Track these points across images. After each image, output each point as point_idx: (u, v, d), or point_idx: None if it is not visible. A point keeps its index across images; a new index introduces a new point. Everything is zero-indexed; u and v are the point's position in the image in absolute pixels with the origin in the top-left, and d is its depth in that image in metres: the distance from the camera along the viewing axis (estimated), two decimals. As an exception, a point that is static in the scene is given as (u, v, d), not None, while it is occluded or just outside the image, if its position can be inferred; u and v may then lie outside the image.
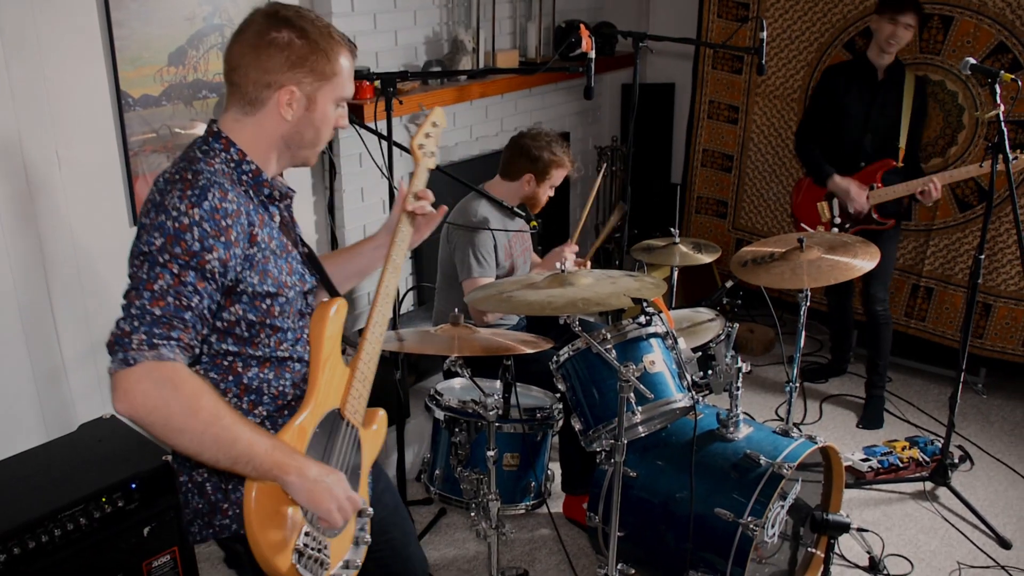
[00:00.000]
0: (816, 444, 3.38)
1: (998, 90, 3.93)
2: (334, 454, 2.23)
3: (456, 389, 3.82)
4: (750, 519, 3.14)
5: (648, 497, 3.42)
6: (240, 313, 2.10)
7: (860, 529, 4.16)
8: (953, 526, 4.28)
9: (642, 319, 3.35)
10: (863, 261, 3.79)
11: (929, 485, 4.55)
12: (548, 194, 4.35)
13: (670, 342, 3.39)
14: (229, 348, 2.13)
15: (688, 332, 3.97)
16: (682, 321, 4.10)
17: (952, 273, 5.50)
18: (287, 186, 2.33)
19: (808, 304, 4.09)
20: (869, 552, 3.98)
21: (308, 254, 2.36)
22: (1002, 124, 3.93)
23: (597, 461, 3.56)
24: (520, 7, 5.91)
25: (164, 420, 1.86)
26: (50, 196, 3.62)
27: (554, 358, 3.43)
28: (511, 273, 4.30)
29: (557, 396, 3.71)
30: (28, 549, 2.88)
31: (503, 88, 5.64)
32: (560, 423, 3.67)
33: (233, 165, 2.13)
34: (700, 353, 3.75)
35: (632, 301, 3.09)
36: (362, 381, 2.32)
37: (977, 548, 4.11)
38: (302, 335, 2.26)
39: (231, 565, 2.41)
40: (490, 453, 3.28)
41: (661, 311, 3.45)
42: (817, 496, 3.65)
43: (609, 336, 3.26)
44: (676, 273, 4.71)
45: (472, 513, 3.41)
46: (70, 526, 2.99)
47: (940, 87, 5.36)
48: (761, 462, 3.25)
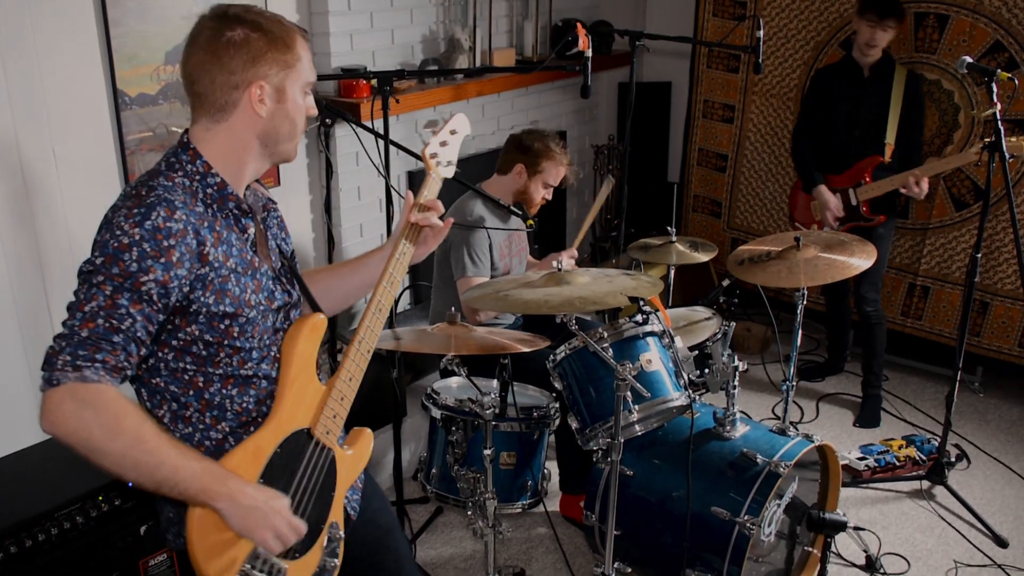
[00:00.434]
0: (813, 443, 3.38)
1: (995, 89, 3.94)
2: (297, 475, 2.16)
3: (453, 388, 3.82)
4: (747, 518, 3.14)
5: (645, 496, 3.43)
6: (196, 333, 2.06)
7: (857, 528, 4.16)
8: (950, 525, 4.28)
9: (639, 318, 3.35)
10: (860, 260, 3.80)
11: (926, 484, 4.56)
12: (543, 194, 4.34)
13: (667, 341, 3.39)
14: (187, 366, 2.09)
15: (685, 331, 3.97)
16: (679, 320, 4.11)
17: (949, 272, 5.51)
18: (267, 197, 2.30)
19: (805, 303, 4.10)
20: (866, 551, 3.99)
21: (288, 268, 2.32)
22: (999, 123, 3.94)
23: (594, 460, 3.56)
24: (516, 6, 5.91)
25: (85, 441, 1.84)
26: (46, 194, 3.61)
27: (551, 357, 3.43)
28: (506, 273, 4.30)
29: (554, 395, 3.70)
30: (25, 548, 2.87)
31: (500, 87, 5.63)
32: (557, 422, 3.67)
33: (198, 179, 2.08)
34: (697, 352, 3.75)
35: (629, 300, 3.09)
36: (339, 400, 2.24)
37: (974, 547, 4.12)
38: (270, 352, 2.21)
39: None
40: (487, 452, 3.28)
41: (658, 310, 3.45)
42: (814, 495, 3.66)
43: (606, 335, 3.26)
44: (673, 272, 4.70)
45: (469, 512, 3.41)
46: (67, 525, 2.98)
47: (936, 86, 5.36)
48: (758, 461, 3.25)
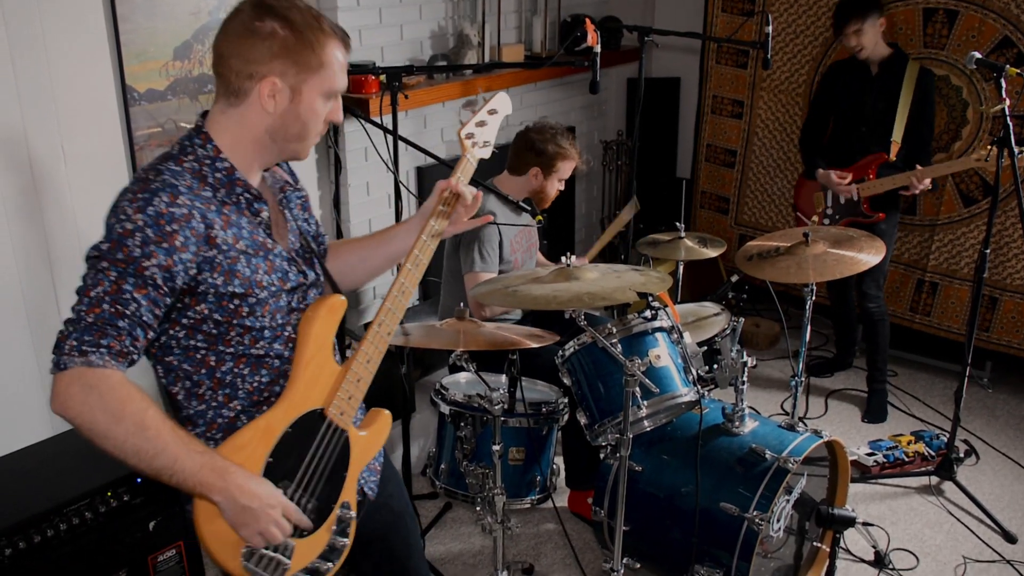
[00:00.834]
0: (821, 438, 3.37)
1: (1004, 84, 3.93)
2: (308, 455, 2.19)
3: (461, 383, 3.82)
4: (755, 513, 3.13)
5: (653, 491, 3.42)
6: (206, 312, 2.07)
7: (866, 523, 4.15)
8: (959, 520, 4.27)
9: (647, 313, 3.35)
10: (868, 255, 3.79)
11: (935, 479, 4.55)
12: (557, 188, 4.34)
13: (675, 336, 3.38)
14: (198, 344, 2.12)
15: (693, 326, 3.97)
16: (687, 315, 4.11)
17: (957, 268, 5.50)
18: (284, 179, 2.32)
19: (813, 298, 4.10)
20: (875, 546, 3.98)
21: (306, 250, 2.33)
22: (1007, 118, 3.93)
23: (602, 455, 3.56)
24: (525, 1, 5.91)
25: (89, 424, 1.90)
26: (55, 190, 3.62)
27: (559, 352, 3.42)
28: (515, 269, 4.30)
29: (562, 390, 3.70)
30: (34, 544, 2.88)
31: (508, 82, 5.63)
32: (566, 417, 3.67)
33: (207, 163, 2.10)
34: (705, 347, 3.75)
35: (637, 295, 3.09)
36: (355, 382, 2.25)
37: (983, 542, 4.11)
38: (284, 332, 2.22)
39: None
40: (496, 447, 3.28)
41: (667, 305, 3.45)
42: (823, 490, 3.65)
43: (615, 330, 3.25)
44: (681, 268, 4.70)
45: (477, 507, 3.41)
46: (75, 520, 2.98)
47: (945, 82, 5.35)
48: (767, 456, 3.24)
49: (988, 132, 5.25)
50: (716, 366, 3.68)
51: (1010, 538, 4.13)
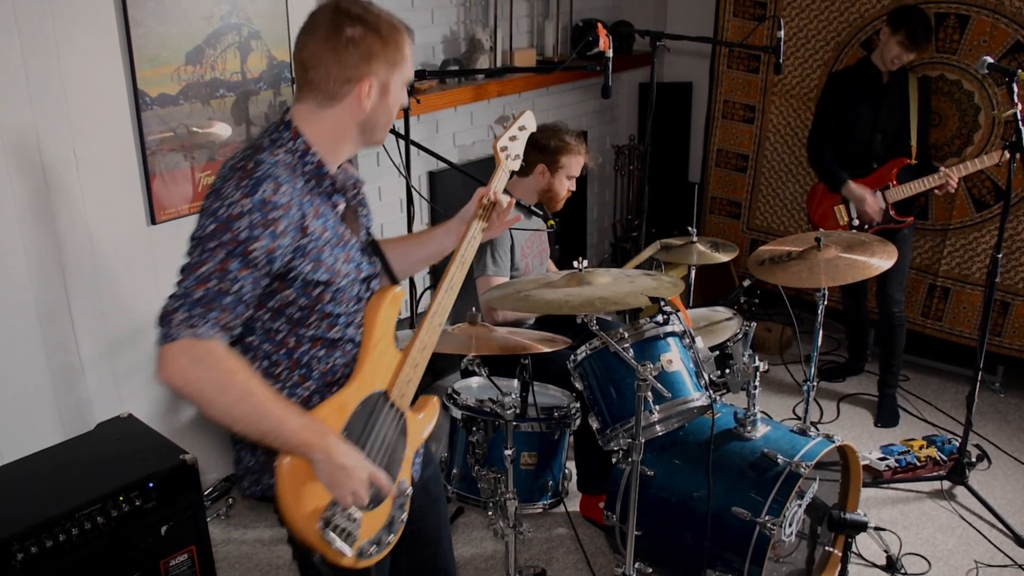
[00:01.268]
0: (833, 443, 3.37)
1: (1015, 89, 3.92)
2: (373, 433, 2.31)
3: (473, 388, 3.82)
4: (767, 518, 3.13)
5: (665, 496, 3.42)
6: (292, 297, 2.19)
7: (877, 528, 4.14)
8: (971, 525, 4.26)
9: (659, 318, 3.35)
10: (881, 260, 3.79)
11: (947, 484, 4.54)
12: (568, 187, 4.33)
13: (687, 341, 3.38)
14: (280, 327, 2.24)
15: (705, 331, 3.96)
16: (699, 320, 4.10)
17: (969, 272, 5.48)
18: (356, 177, 2.44)
19: (826, 303, 4.09)
20: (887, 551, 3.97)
21: (371, 242, 2.46)
22: (1019, 123, 3.92)
23: (614, 460, 3.56)
24: (537, 6, 5.91)
25: (198, 393, 1.99)
26: (67, 195, 3.63)
27: (571, 357, 3.42)
28: (526, 274, 4.29)
29: (574, 395, 3.70)
30: (46, 548, 2.89)
31: (520, 87, 5.64)
32: (577, 422, 3.67)
33: (298, 156, 2.22)
34: (717, 352, 3.75)
35: (649, 300, 3.09)
36: (413, 367, 2.42)
37: (995, 547, 4.10)
38: (355, 318, 2.35)
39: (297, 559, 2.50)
40: (507, 452, 3.29)
41: (678, 310, 3.45)
42: (834, 495, 3.64)
43: (627, 335, 3.25)
44: (693, 272, 4.69)
45: (489, 512, 3.41)
46: (87, 525, 3.00)
47: (956, 86, 5.34)
48: (779, 461, 3.24)
49: (1000, 137, 5.23)
50: (728, 371, 3.68)
51: (1022, 542, 4.11)
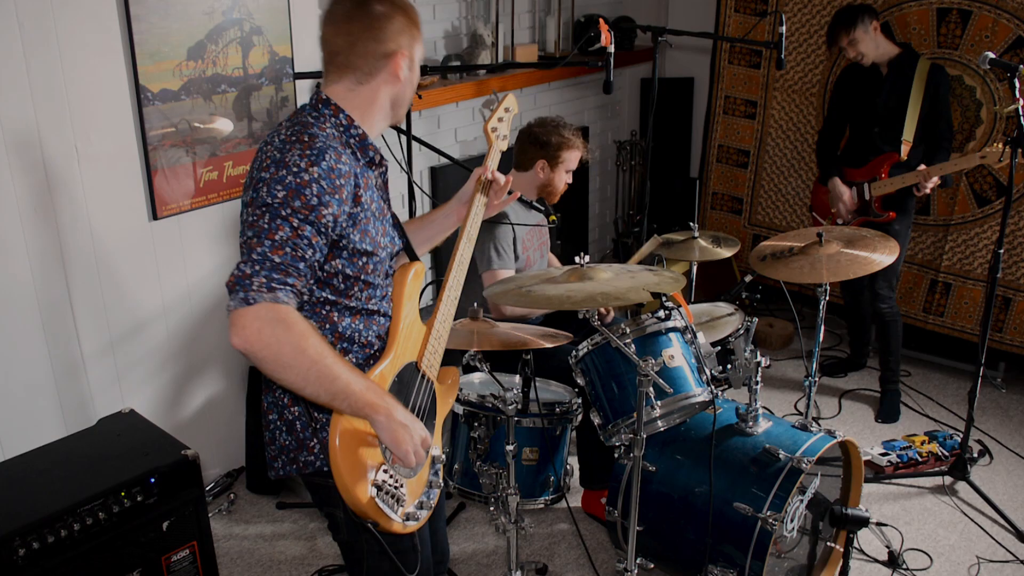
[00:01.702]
0: (835, 438, 3.37)
1: (1017, 84, 3.92)
2: (410, 402, 2.40)
3: (475, 383, 3.83)
4: (769, 513, 3.13)
5: (667, 491, 3.42)
6: (339, 267, 2.27)
7: (879, 523, 4.15)
8: (972, 520, 4.26)
9: (661, 313, 3.35)
10: (882, 255, 3.78)
11: (948, 480, 4.54)
12: (565, 180, 4.33)
13: (689, 336, 3.38)
14: (327, 297, 2.30)
15: (707, 326, 3.96)
16: (701, 315, 4.10)
17: (971, 268, 5.48)
18: (381, 154, 2.48)
19: (827, 299, 4.09)
20: (888, 546, 3.98)
21: (396, 219, 2.53)
22: (1021, 119, 3.91)
23: (616, 455, 3.56)
24: (539, 1, 5.91)
25: (275, 356, 2.03)
26: (69, 190, 3.64)
27: (573, 352, 3.42)
28: (526, 268, 4.30)
29: (576, 390, 3.70)
30: (47, 543, 2.88)
31: (522, 82, 5.63)
32: (579, 418, 3.67)
33: (342, 129, 2.31)
34: (719, 347, 3.75)
35: (651, 295, 3.08)
36: (438, 339, 2.52)
37: (996, 542, 4.10)
38: (388, 292, 2.44)
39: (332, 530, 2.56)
40: (509, 447, 3.29)
41: (680, 305, 3.45)
42: (836, 490, 3.65)
43: (628, 330, 3.25)
44: (695, 268, 4.69)
45: (491, 507, 3.41)
46: (89, 520, 2.99)
47: (958, 82, 5.33)
48: (780, 456, 3.24)
49: (1002, 132, 5.23)
50: (730, 366, 3.68)
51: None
